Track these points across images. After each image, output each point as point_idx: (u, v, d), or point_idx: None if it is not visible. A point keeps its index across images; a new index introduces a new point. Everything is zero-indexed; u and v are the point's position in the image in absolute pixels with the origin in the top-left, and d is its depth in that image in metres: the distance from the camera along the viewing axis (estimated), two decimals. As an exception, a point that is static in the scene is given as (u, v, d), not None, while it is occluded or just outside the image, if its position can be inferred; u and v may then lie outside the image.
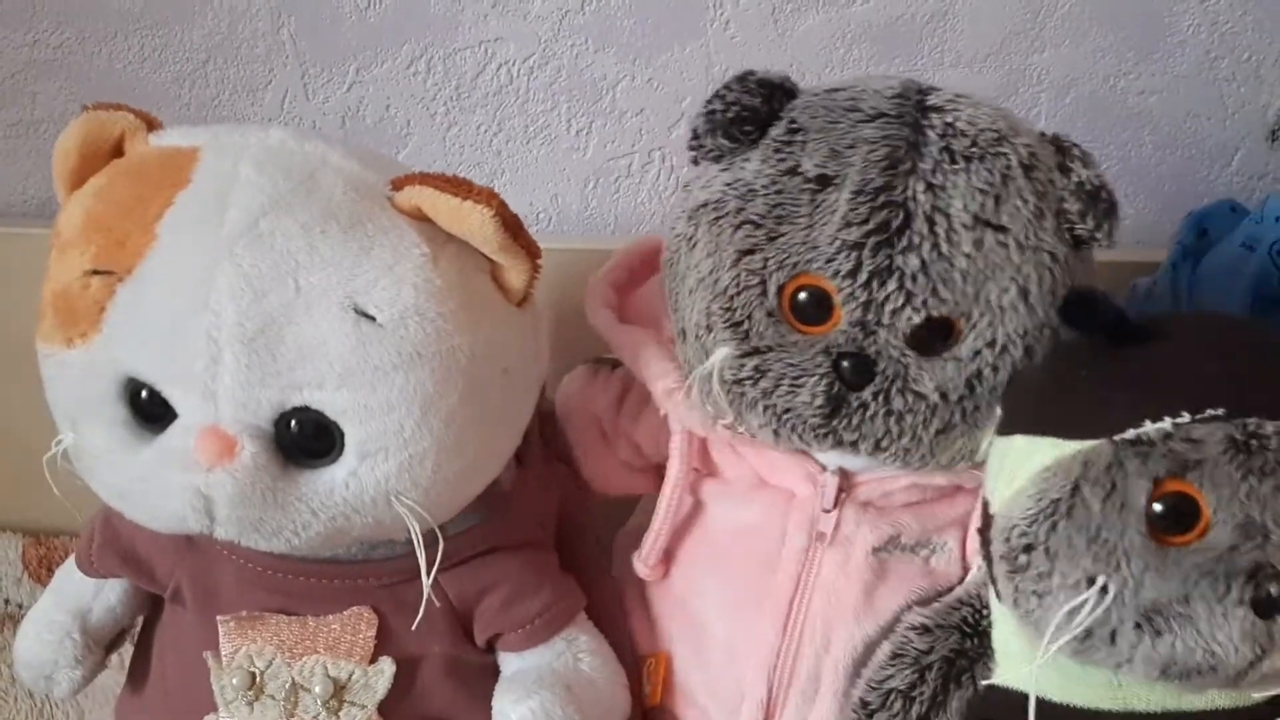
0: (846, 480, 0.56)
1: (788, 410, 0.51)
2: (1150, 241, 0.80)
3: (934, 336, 0.50)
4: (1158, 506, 0.45)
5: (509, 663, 0.56)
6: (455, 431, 0.48)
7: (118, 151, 0.49)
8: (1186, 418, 0.45)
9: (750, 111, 0.52)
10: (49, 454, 0.50)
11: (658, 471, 0.59)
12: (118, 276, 0.46)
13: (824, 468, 0.56)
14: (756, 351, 0.51)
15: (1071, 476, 0.46)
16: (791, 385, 0.51)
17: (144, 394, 0.47)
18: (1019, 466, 0.49)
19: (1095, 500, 0.46)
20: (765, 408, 0.51)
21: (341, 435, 0.47)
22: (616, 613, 0.60)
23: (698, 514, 0.59)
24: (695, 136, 0.54)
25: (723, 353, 0.51)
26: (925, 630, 0.54)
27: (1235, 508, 0.45)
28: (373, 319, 0.45)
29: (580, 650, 0.55)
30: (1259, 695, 0.49)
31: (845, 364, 0.50)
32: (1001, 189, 0.50)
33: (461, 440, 0.48)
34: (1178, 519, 0.45)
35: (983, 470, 0.53)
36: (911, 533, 0.56)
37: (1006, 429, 0.51)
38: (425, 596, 0.50)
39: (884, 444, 0.51)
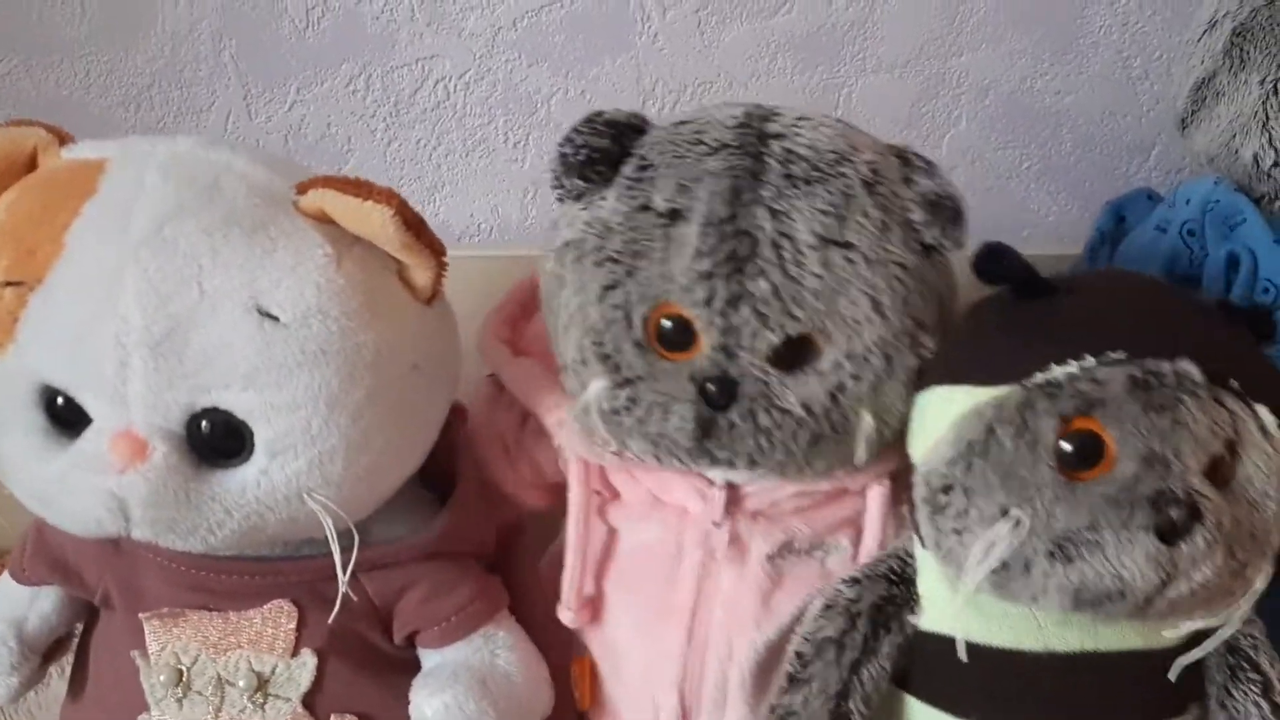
0: (734, 493, 0.57)
1: (661, 435, 0.53)
2: (1073, 237, 0.82)
3: (794, 354, 0.52)
4: (1066, 445, 0.48)
5: (428, 658, 0.56)
6: (363, 428, 0.49)
7: (32, 166, 0.51)
8: (1090, 361, 0.48)
9: (600, 152, 0.54)
10: (-26, 463, 0.51)
11: (560, 490, 0.61)
12: (29, 286, 0.47)
13: (711, 482, 0.57)
14: (628, 382, 0.53)
15: (985, 419, 0.49)
16: (663, 412, 0.52)
17: (59, 400, 0.49)
18: (939, 416, 0.52)
19: (1007, 438, 0.48)
20: (642, 435, 0.53)
21: (251, 435, 0.48)
22: (550, 617, 0.61)
23: (612, 544, 0.60)
24: (555, 180, 0.55)
25: (597, 386, 0.53)
26: (854, 582, 0.56)
27: (1138, 441, 0.47)
28: (276, 319, 0.46)
29: (498, 646, 0.56)
30: (1170, 634, 0.51)
31: (710, 387, 0.52)
32: (844, 208, 0.51)
33: (370, 436, 0.49)
34: (1085, 456, 0.48)
35: (864, 472, 0.56)
36: (804, 537, 0.58)
37: (925, 383, 0.54)
38: (341, 592, 0.51)
39: (757, 459, 0.53)
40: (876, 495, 0.57)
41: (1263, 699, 0.54)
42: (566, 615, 0.60)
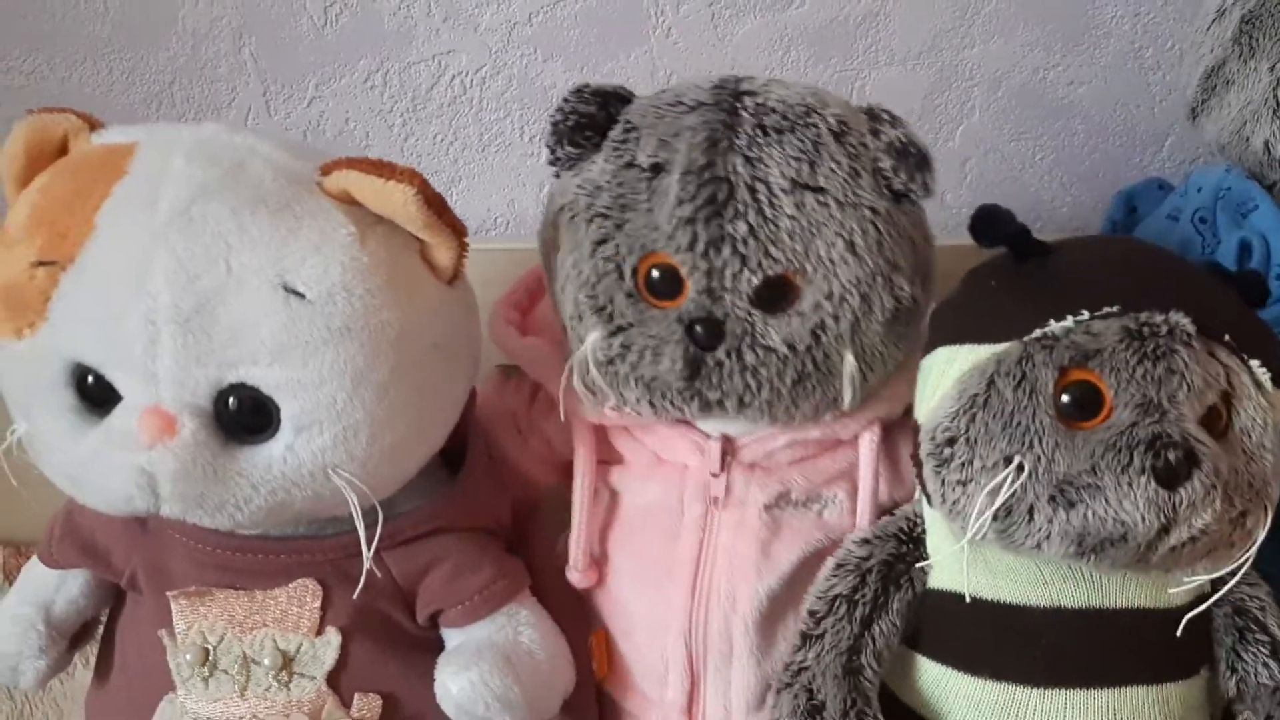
0: (730, 445, 0.59)
1: (654, 378, 0.55)
2: (1087, 228, 0.83)
3: (775, 296, 0.54)
4: (1064, 397, 0.50)
5: (451, 638, 0.57)
6: (387, 404, 0.50)
7: (63, 151, 0.52)
8: (1086, 315, 0.50)
9: (587, 118, 0.57)
10: (4, 444, 0.52)
11: (569, 469, 0.63)
12: (60, 266, 0.48)
13: (708, 436, 0.59)
14: (620, 330, 0.55)
15: (987, 374, 0.51)
16: (654, 355, 0.55)
17: (90, 379, 0.49)
18: (942, 375, 0.53)
19: (1008, 389, 0.50)
20: (635, 380, 0.55)
21: (278, 410, 0.49)
22: (570, 593, 0.62)
23: (614, 506, 0.62)
24: (549, 150, 0.58)
25: (593, 337, 0.56)
26: (865, 542, 0.57)
27: (1133, 389, 0.49)
28: (302, 296, 0.47)
29: (521, 624, 0.57)
30: (1175, 591, 0.52)
31: (697, 328, 0.54)
32: (814, 155, 0.54)
33: (394, 413, 0.50)
34: (1083, 406, 0.50)
35: (854, 419, 0.58)
36: (800, 488, 0.60)
37: (929, 346, 0.55)
38: (365, 569, 0.52)
39: (746, 399, 0.55)
40: (868, 441, 0.59)
41: (1271, 659, 0.54)
42: (575, 576, 0.62)
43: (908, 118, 0.56)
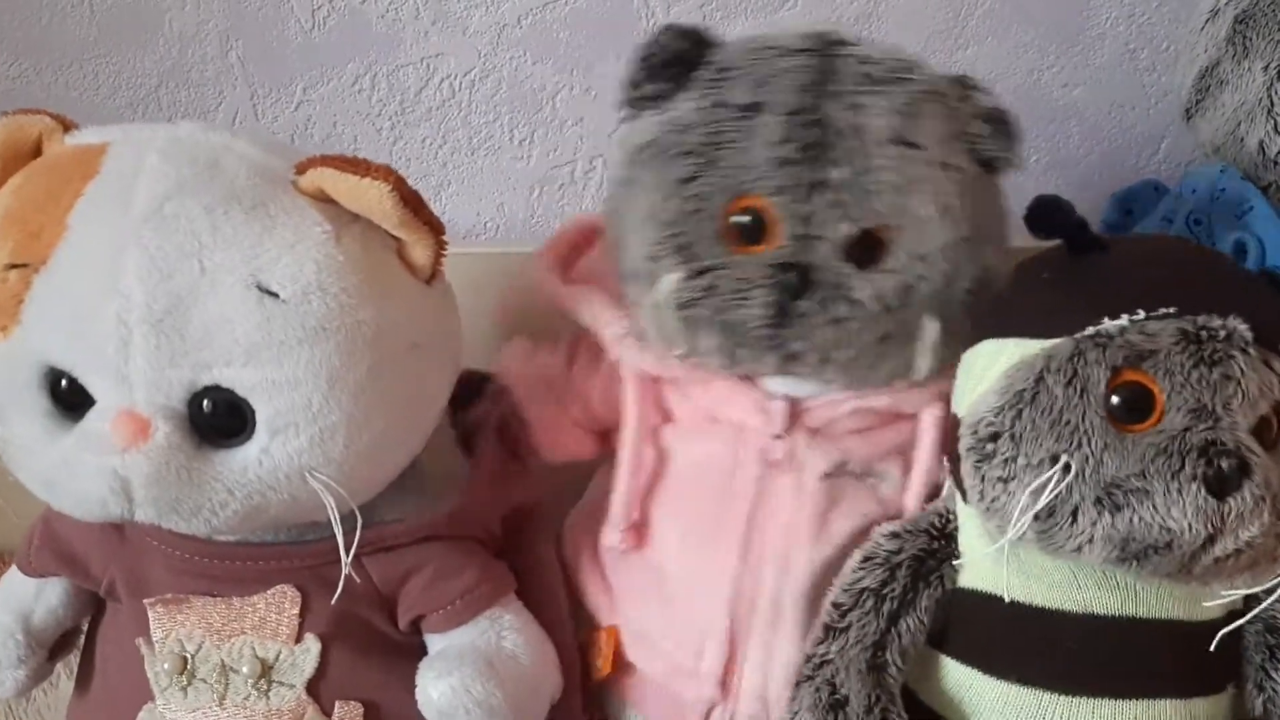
0: (794, 407, 0.57)
1: (738, 323, 0.53)
2: (1082, 229, 0.81)
3: (866, 251, 0.53)
4: (1115, 399, 0.48)
5: (434, 643, 0.56)
6: (364, 405, 0.49)
7: (37, 153, 0.51)
8: (1142, 315, 0.48)
9: (678, 54, 0.56)
10: (-23, 451, 0.51)
11: (606, 438, 0.61)
12: (33, 268, 0.47)
13: (771, 396, 0.57)
14: (706, 270, 0.53)
15: (1036, 369, 0.49)
16: (740, 299, 0.53)
17: (63, 383, 0.49)
18: (987, 368, 0.52)
19: (1058, 386, 0.49)
20: (717, 325, 0.53)
21: (253, 413, 0.48)
22: (559, 597, 0.61)
23: (661, 467, 0.60)
24: (634, 85, 0.57)
25: (672, 279, 0.54)
26: (895, 535, 0.56)
27: (1187, 393, 0.48)
28: (276, 295, 0.47)
29: (504, 628, 0.56)
30: (1210, 604, 0.51)
31: (787, 274, 0.52)
32: (914, 110, 0.53)
33: (371, 414, 0.49)
34: (1134, 408, 0.48)
35: (921, 391, 0.56)
36: (858, 459, 0.58)
37: (973, 338, 0.54)
38: (344, 574, 0.51)
39: (830, 354, 0.54)
40: (930, 416, 0.57)
41: None
42: (614, 536, 0.60)
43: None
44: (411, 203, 0.48)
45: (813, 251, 0.53)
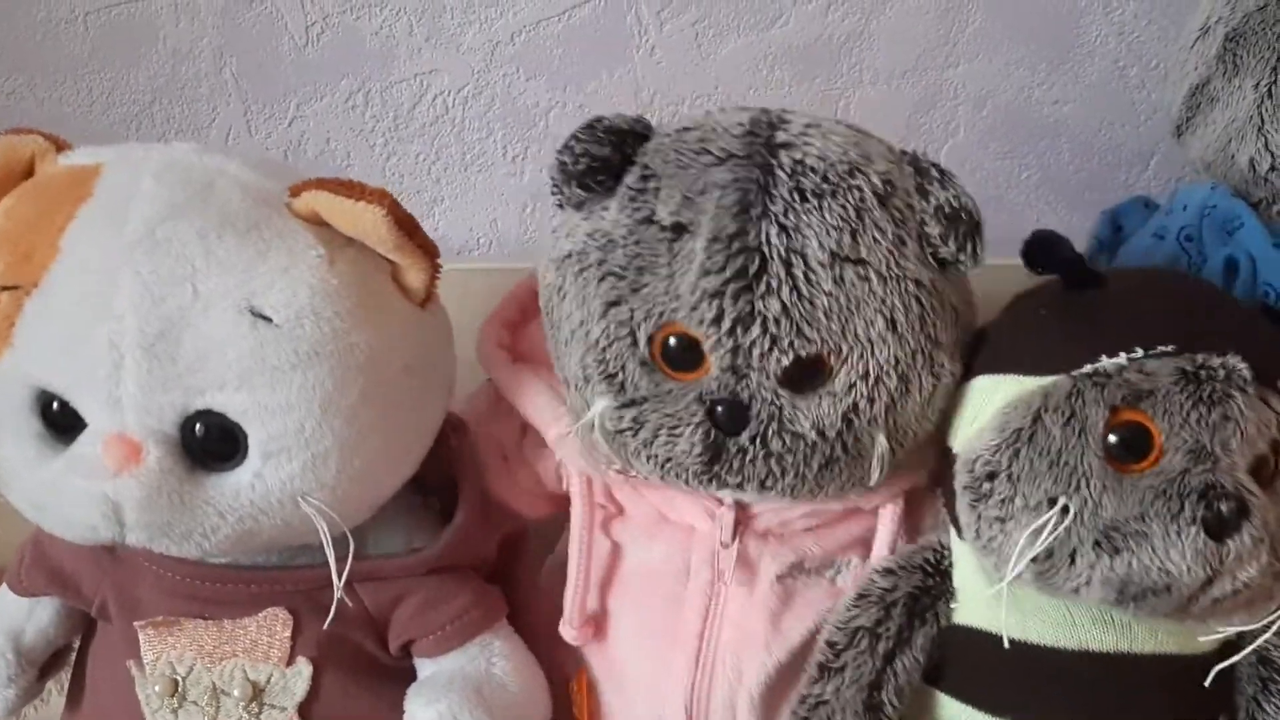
0: (744, 513, 0.56)
1: (669, 459, 0.51)
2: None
3: (806, 375, 0.50)
4: (1113, 438, 0.48)
5: (424, 668, 0.56)
6: (357, 429, 0.49)
7: (30, 173, 0.51)
8: (1140, 353, 0.48)
9: (601, 161, 0.52)
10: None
11: (562, 500, 0.59)
12: (25, 291, 0.47)
13: (720, 501, 0.56)
14: (633, 403, 0.51)
15: (1033, 408, 0.49)
16: (670, 435, 0.50)
17: (55, 405, 0.49)
18: (982, 405, 0.51)
19: (1055, 426, 0.48)
20: (648, 457, 0.51)
21: (245, 437, 0.48)
22: (552, 626, 0.60)
23: (615, 561, 0.59)
24: (555, 190, 0.54)
25: (601, 405, 0.51)
26: (889, 572, 0.55)
27: (1186, 434, 0.47)
28: (269, 320, 0.47)
29: (494, 655, 0.55)
30: (1205, 639, 0.51)
31: (719, 410, 0.50)
32: (857, 223, 0.49)
33: (364, 438, 0.49)
34: (1132, 448, 0.48)
35: (878, 492, 0.54)
36: (814, 557, 0.57)
37: (967, 374, 0.53)
38: (336, 598, 0.51)
39: (768, 484, 0.51)
40: (889, 515, 0.56)
41: None
42: (569, 633, 0.58)
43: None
44: (406, 227, 0.48)
45: (746, 383, 0.49)
